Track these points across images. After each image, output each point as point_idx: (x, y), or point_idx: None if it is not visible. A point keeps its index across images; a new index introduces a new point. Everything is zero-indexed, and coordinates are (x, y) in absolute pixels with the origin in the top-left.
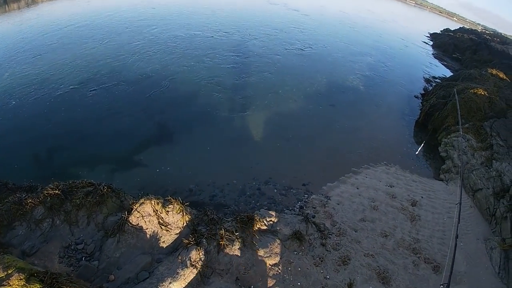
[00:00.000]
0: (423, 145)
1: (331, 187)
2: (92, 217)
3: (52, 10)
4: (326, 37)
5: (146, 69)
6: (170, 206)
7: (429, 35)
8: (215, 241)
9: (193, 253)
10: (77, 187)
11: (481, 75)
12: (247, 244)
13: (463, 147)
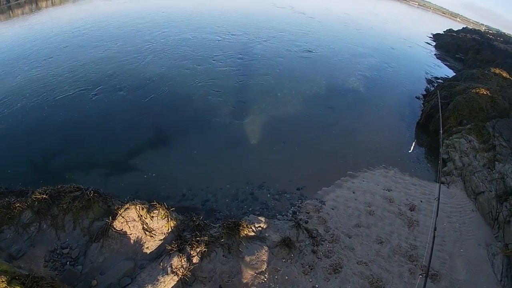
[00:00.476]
0: (415, 142)
1: (326, 191)
2: (78, 221)
3: (56, 16)
4: (329, 39)
5: (150, 73)
6: (155, 212)
7: (432, 35)
8: (199, 248)
9: (175, 260)
10: (65, 192)
11: (484, 75)
12: (232, 251)
13: (465, 148)
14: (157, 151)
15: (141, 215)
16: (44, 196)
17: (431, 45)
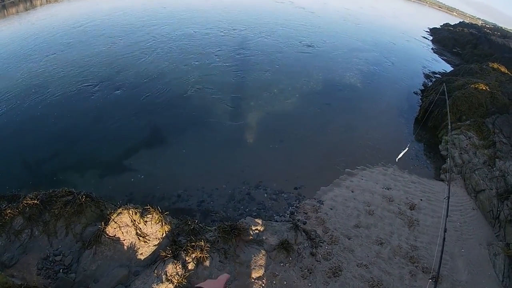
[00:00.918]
0: (406, 150)
1: (325, 190)
2: (71, 227)
3: (53, 14)
4: (328, 33)
5: (149, 70)
6: (149, 216)
7: (428, 30)
8: (194, 254)
9: (170, 267)
10: (57, 197)
11: (482, 69)
12: (229, 256)
13: (464, 145)
14: (151, 151)
15: (134, 220)
16: (35, 201)
17: (428, 39)
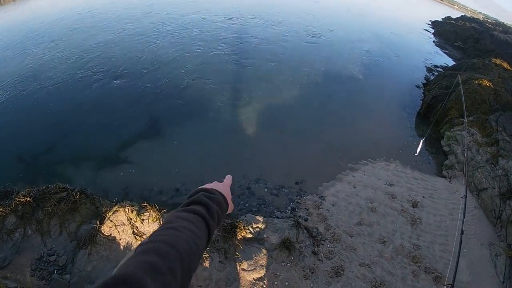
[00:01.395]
0: (423, 141)
1: (326, 186)
2: (65, 225)
3: (50, 3)
4: (331, 24)
5: (153, 59)
6: (146, 214)
7: (430, 23)
8: None
9: None
10: (50, 193)
11: (485, 65)
12: (229, 256)
13: (468, 142)
14: (148, 143)
15: (131, 218)
16: (28, 199)
17: (430, 32)
